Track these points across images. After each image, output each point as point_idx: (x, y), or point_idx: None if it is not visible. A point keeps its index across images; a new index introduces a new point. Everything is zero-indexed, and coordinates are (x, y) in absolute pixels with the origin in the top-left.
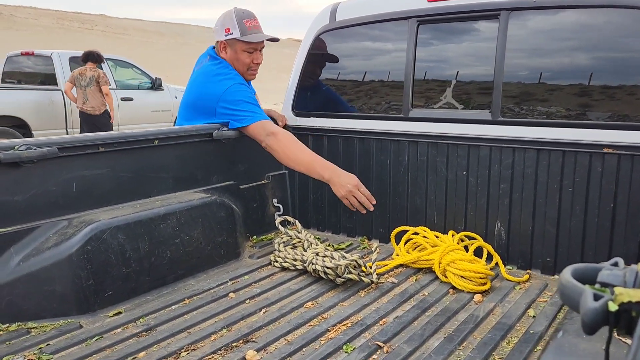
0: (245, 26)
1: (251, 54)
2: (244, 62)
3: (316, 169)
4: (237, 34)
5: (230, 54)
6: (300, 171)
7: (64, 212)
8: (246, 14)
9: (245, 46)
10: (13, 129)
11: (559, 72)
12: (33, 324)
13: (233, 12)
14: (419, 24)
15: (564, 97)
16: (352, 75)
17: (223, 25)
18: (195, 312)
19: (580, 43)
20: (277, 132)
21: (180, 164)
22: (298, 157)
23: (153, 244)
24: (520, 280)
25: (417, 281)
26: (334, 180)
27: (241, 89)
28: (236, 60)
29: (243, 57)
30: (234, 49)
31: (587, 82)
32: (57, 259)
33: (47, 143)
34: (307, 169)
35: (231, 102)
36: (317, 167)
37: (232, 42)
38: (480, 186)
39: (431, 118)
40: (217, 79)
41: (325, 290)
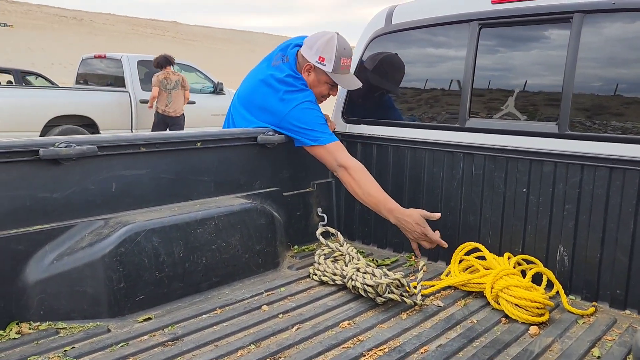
0: (340, 64)
1: (332, 87)
2: (321, 92)
3: (382, 212)
4: (329, 68)
5: (313, 79)
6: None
7: (101, 211)
8: (347, 51)
9: (330, 81)
10: (83, 128)
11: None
12: (63, 325)
13: (335, 43)
14: (480, 28)
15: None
16: (406, 81)
17: (320, 50)
18: (226, 323)
19: None
20: (347, 165)
21: (222, 168)
22: (366, 197)
23: (188, 249)
24: (585, 313)
25: (466, 306)
26: (400, 226)
27: (314, 107)
28: (315, 87)
29: (323, 88)
30: (318, 78)
31: None
32: (90, 260)
33: (87, 141)
34: (374, 209)
35: (301, 119)
36: (383, 210)
37: (320, 71)
38: (542, 205)
39: (490, 129)
40: (292, 90)
41: (363, 310)
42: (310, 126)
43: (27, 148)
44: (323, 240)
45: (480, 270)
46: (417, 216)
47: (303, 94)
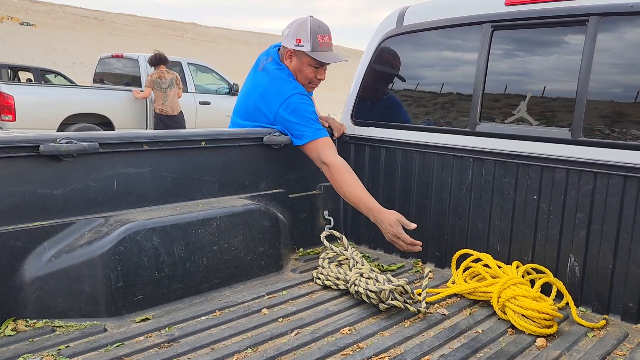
0: (318, 42)
1: (317, 69)
2: (307, 76)
3: (362, 210)
4: (307, 48)
5: (295, 64)
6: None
7: (102, 209)
8: (321, 29)
9: (313, 62)
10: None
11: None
12: (59, 323)
13: (309, 23)
14: (493, 30)
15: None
16: (417, 84)
17: (295, 34)
18: (224, 326)
19: None
20: (329, 162)
21: (227, 168)
22: (346, 196)
23: (189, 249)
24: (595, 326)
25: (471, 315)
26: (378, 225)
27: (302, 100)
28: (299, 72)
29: (308, 71)
30: (300, 60)
31: None
32: (88, 258)
33: (88, 138)
34: (356, 206)
35: (290, 114)
36: (362, 208)
37: (300, 54)
38: (553, 214)
39: (501, 134)
40: (279, 85)
41: (365, 316)
42: (297, 119)
43: (28, 143)
44: (327, 244)
45: (488, 278)
46: (393, 219)
47: (290, 85)
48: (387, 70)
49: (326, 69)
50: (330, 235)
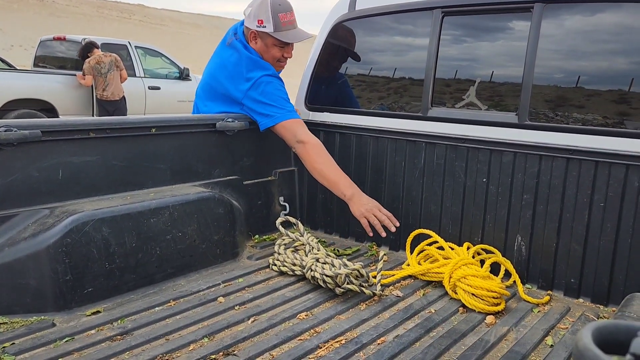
0: (280, 21)
1: (282, 48)
2: (274, 56)
3: (339, 187)
4: (270, 28)
5: (260, 45)
6: (323, 184)
7: (47, 200)
8: (282, 7)
9: (277, 42)
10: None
11: (597, 75)
12: (3, 319)
13: (269, 3)
14: (443, 16)
15: (600, 103)
16: (369, 69)
17: (257, 15)
18: (179, 316)
19: (624, 45)
20: (307, 140)
21: (179, 155)
22: (324, 172)
23: (141, 239)
24: (540, 302)
25: (425, 296)
26: (355, 198)
27: (273, 81)
28: (265, 53)
29: (274, 51)
30: (264, 42)
31: (627, 88)
32: (33, 251)
33: (30, 125)
34: (330, 185)
35: (260, 94)
36: (341, 185)
37: (263, 34)
38: (502, 195)
39: (451, 118)
40: (248, 67)
41: (322, 300)
42: (269, 100)
43: None
44: (283, 230)
45: (440, 260)
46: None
47: (260, 66)
48: (339, 55)
49: (293, 46)
50: (286, 222)
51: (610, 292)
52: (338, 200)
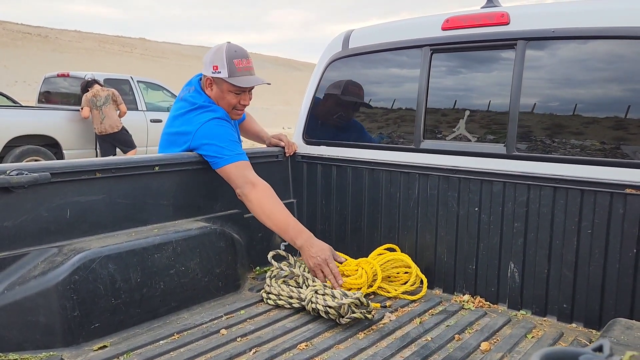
0: (235, 67)
1: (238, 95)
2: (230, 103)
3: (289, 233)
4: (224, 74)
5: (216, 92)
6: (272, 229)
7: (55, 239)
8: (238, 53)
9: (232, 88)
10: (45, 148)
11: (580, 106)
12: (14, 356)
13: (224, 49)
14: (432, 53)
15: (585, 132)
16: (364, 103)
17: (212, 61)
18: (183, 349)
19: (602, 75)
20: (257, 183)
21: (181, 192)
22: (274, 215)
23: (146, 274)
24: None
25: (421, 324)
26: (305, 249)
27: (221, 125)
28: (221, 99)
29: (229, 97)
30: (220, 88)
31: (608, 118)
32: (42, 288)
33: (39, 168)
34: (280, 230)
35: (207, 137)
36: (291, 231)
37: (219, 80)
38: (493, 224)
39: (443, 150)
40: (195, 113)
41: (321, 331)
42: (216, 142)
43: None
44: (275, 264)
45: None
46: (328, 246)
47: (208, 110)
48: (335, 92)
49: (251, 94)
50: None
51: (601, 316)
52: (337, 232)
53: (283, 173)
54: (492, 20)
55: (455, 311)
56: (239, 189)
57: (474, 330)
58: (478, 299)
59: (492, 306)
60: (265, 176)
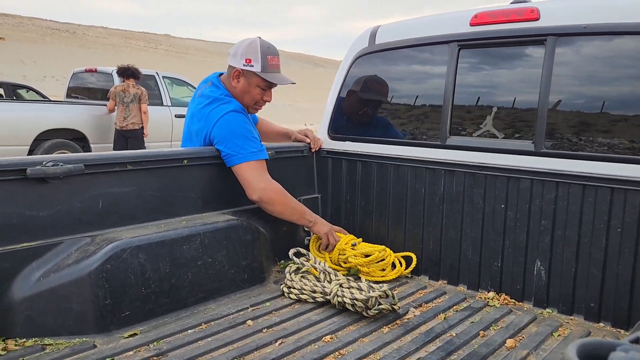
0: (268, 63)
1: (264, 91)
2: (254, 97)
3: (306, 216)
4: (257, 68)
5: (243, 84)
6: (290, 219)
7: (88, 228)
8: (271, 50)
9: (262, 83)
10: (73, 142)
11: (611, 102)
12: (49, 341)
13: (258, 44)
14: (460, 49)
15: (614, 130)
16: (389, 99)
17: (245, 54)
18: (210, 338)
19: (633, 72)
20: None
21: (209, 185)
22: (295, 208)
23: (174, 265)
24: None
25: (446, 320)
26: (319, 220)
27: (236, 119)
28: (247, 93)
29: (255, 92)
30: (248, 81)
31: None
32: (76, 276)
33: (74, 160)
34: (299, 216)
35: (222, 133)
36: (307, 214)
37: (249, 74)
38: (520, 221)
39: (469, 147)
40: (211, 107)
41: (346, 324)
42: (231, 138)
43: (15, 167)
44: (297, 260)
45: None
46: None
47: (224, 104)
48: (360, 88)
49: (271, 91)
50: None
51: (630, 316)
52: (360, 226)
53: (308, 168)
54: (521, 16)
55: (480, 308)
56: (254, 194)
57: (499, 327)
58: (503, 296)
59: (517, 304)
60: (291, 171)
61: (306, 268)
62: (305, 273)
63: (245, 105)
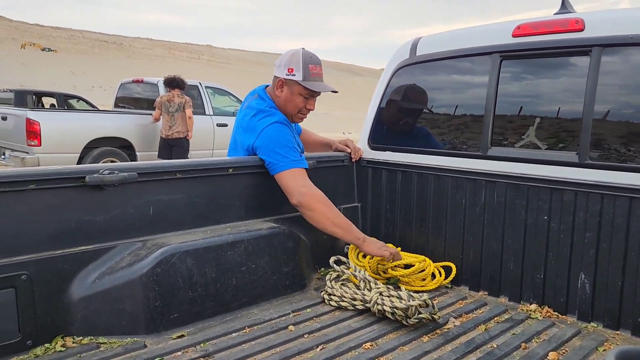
0: (310, 72)
1: (307, 99)
2: (297, 106)
3: (353, 232)
4: (299, 77)
5: (286, 94)
6: (334, 234)
7: (140, 233)
8: (313, 59)
9: (303, 91)
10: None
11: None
12: (103, 339)
13: (301, 54)
14: (502, 59)
15: None
16: (430, 110)
17: (288, 64)
18: (254, 342)
19: None
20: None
21: (252, 193)
22: (337, 220)
23: (220, 270)
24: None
25: (487, 330)
26: (367, 239)
27: (279, 130)
28: (290, 102)
29: (298, 100)
30: (291, 90)
31: None
32: (128, 279)
33: (128, 168)
34: (344, 232)
35: (266, 143)
36: (354, 230)
37: (292, 83)
38: (563, 233)
39: (511, 157)
40: (256, 119)
41: (386, 332)
42: (274, 147)
43: (75, 175)
44: (337, 267)
45: None
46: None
47: (268, 116)
48: (401, 98)
49: (315, 100)
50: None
51: None
52: (401, 236)
53: (348, 178)
54: (565, 27)
55: (522, 320)
56: (294, 198)
57: (541, 339)
58: (546, 308)
59: (560, 317)
60: (331, 180)
61: (346, 276)
62: (345, 281)
63: (290, 114)
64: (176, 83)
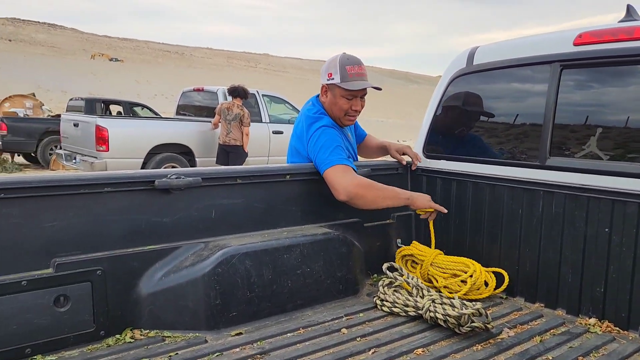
0: (347, 72)
1: (350, 100)
2: (342, 108)
3: (400, 196)
4: (337, 79)
5: (330, 98)
6: (387, 206)
7: (203, 235)
8: (350, 60)
9: (343, 92)
10: (180, 156)
11: None
12: (168, 333)
13: (338, 58)
14: (562, 69)
15: None
16: (486, 119)
17: (327, 69)
18: (307, 342)
19: None
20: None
21: (308, 199)
22: (385, 193)
23: (276, 272)
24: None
25: (542, 342)
26: (414, 194)
27: (325, 132)
28: (334, 105)
29: (341, 102)
30: (333, 93)
31: None
32: (191, 278)
33: (193, 173)
34: (394, 200)
35: (314, 147)
36: (400, 193)
37: (332, 86)
38: (626, 246)
39: (571, 168)
40: (306, 126)
41: (438, 339)
42: (320, 149)
43: (146, 179)
44: (391, 274)
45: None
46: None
47: (317, 121)
48: (457, 107)
49: (363, 100)
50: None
51: None
52: (455, 245)
53: (402, 185)
54: (630, 35)
55: (580, 333)
56: (340, 194)
57: (600, 354)
58: (606, 323)
59: (621, 332)
60: None
61: (399, 282)
62: (398, 287)
63: (337, 117)
64: (237, 92)
